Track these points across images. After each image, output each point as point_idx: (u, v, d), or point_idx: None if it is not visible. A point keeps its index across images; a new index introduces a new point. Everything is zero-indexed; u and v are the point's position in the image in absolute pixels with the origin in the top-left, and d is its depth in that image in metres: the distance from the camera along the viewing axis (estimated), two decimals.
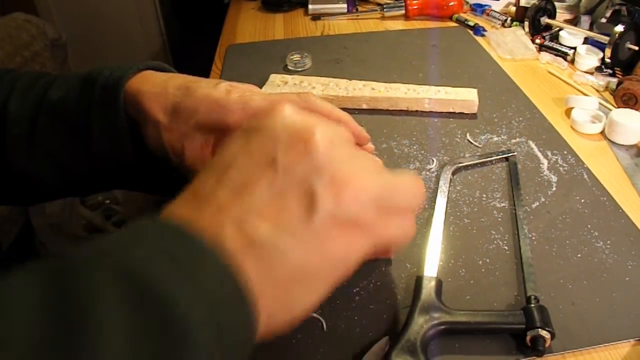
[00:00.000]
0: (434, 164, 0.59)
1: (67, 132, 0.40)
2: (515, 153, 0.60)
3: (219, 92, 0.39)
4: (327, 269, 0.27)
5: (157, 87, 0.40)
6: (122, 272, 0.21)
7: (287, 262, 0.25)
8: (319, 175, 0.26)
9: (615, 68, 0.78)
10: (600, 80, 0.75)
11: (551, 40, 0.87)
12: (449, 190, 0.54)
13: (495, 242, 0.49)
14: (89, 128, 0.40)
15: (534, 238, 0.49)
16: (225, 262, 0.24)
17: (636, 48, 0.76)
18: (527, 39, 0.88)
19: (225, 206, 0.26)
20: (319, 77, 0.74)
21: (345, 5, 1.05)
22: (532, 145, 0.62)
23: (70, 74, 0.43)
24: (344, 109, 0.50)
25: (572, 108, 0.68)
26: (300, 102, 0.43)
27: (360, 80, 0.73)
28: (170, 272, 0.22)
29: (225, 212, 0.25)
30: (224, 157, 0.28)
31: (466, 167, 0.58)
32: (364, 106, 0.70)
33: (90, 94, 0.40)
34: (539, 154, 0.60)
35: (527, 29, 0.90)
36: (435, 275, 0.43)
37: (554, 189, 0.55)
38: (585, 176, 0.56)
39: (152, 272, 0.22)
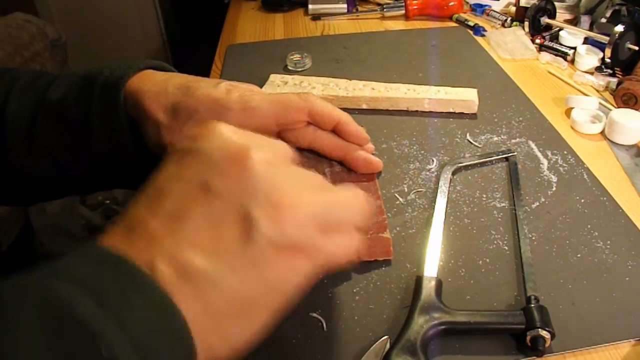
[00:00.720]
0: (434, 164, 0.59)
1: (67, 132, 0.40)
2: (515, 153, 0.60)
3: (219, 91, 0.39)
4: (267, 297, 0.26)
5: (157, 86, 0.39)
6: (46, 305, 0.20)
7: (224, 293, 0.24)
8: (254, 199, 0.25)
9: (615, 68, 0.78)
10: (600, 80, 0.75)
11: (551, 40, 0.87)
12: (449, 190, 0.54)
13: (495, 242, 0.49)
14: (89, 127, 0.40)
15: (534, 238, 0.49)
16: (158, 295, 0.23)
17: (636, 48, 0.76)
18: (527, 39, 0.88)
19: (157, 237, 0.24)
20: (319, 77, 0.74)
21: (345, 5, 1.05)
22: (532, 145, 0.62)
23: (69, 73, 0.43)
24: (344, 109, 0.50)
25: (572, 108, 0.68)
26: (301, 101, 0.43)
27: (360, 80, 0.73)
28: (97, 306, 0.21)
29: (157, 244, 0.24)
30: (156, 183, 0.27)
31: (466, 167, 0.58)
32: (364, 106, 0.70)
33: (90, 93, 0.40)
34: (539, 154, 0.60)
35: (527, 29, 0.90)
36: (435, 275, 0.43)
37: (554, 189, 0.55)
38: (585, 176, 0.56)
39: (76, 305, 0.21)
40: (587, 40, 0.84)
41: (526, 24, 0.90)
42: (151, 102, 0.39)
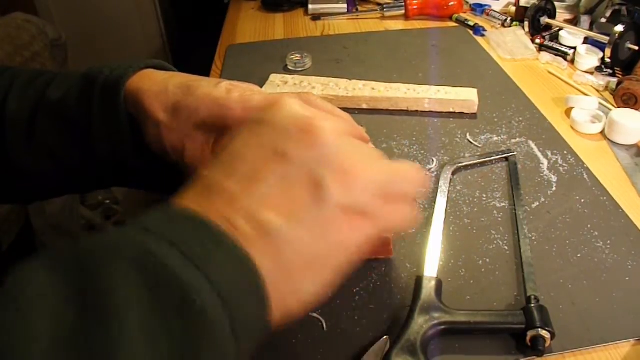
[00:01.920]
0: (434, 164, 0.59)
1: (67, 131, 0.40)
2: (515, 153, 0.60)
3: (220, 91, 0.39)
4: (335, 256, 0.28)
5: (158, 85, 0.39)
6: (139, 262, 0.22)
7: (297, 250, 0.26)
8: (326, 166, 0.27)
9: (615, 68, 0.78)
10: (600, 80, 0.75)
11: (551, 40, 0.87)
12: (449, 190, 0.54)
13: (495, 242, 0.49)
14: (89, 127, 0.40)
15: (534, 238, 0.49)
16: (239, 251, 0.24)
17: (636, 48, 0.76)
18: (527, 39, 0.88)
19: (235, 197, 0.26)
20: (319, 77, 0.74)
21: (345, 5, 1.05)
22: (532, 145, 0.62)
23: (69, 73, 0.43)
24: (344, 109, 0.50)
25: (572, 108, 0.68)
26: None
27: (360, 80, 0.73)
28: (186, 261, 0.22)
29: (235, 203, 0.26)
30: (231, 150, 0.29)
31: (466, 167, 0.58)
32: (364, 106, 0.70)
33: (90, 93, 0.40)
34: (539, 154, 0.60)
35: (527, 29, 0.90)
36: (435, 275, 0.43)
37: (554, 189, 0.55)
38: (585, 176, 0.56)
39: (168, 261, 0.22)
40: (587, 40, 0.84)
41: (526, 24, 0.90)
42: (151, 101, 0.39)
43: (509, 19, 0.96)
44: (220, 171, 0.28)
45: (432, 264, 0.44)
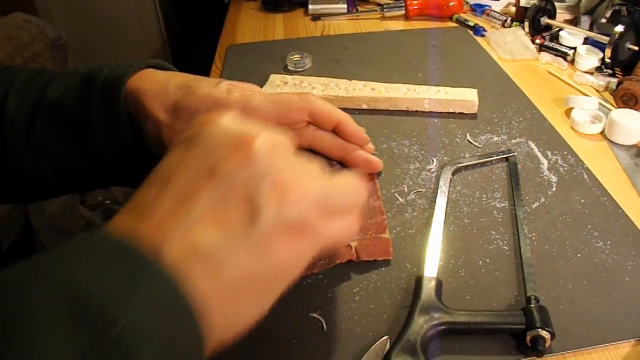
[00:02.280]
0: (434, 164, 0.59)
1: (67, 130, 0.40)
2: (515, 153, 0.60)
3: (220, 91, 0.39)
4: (272, 276, 0.27)
5: (158, 85, 0.39)
6: (60, 289, 0.21)
7: (232, 270, 0.25)
8: (259, 182, 0.26)
9: (615, 68, 0.78)
10: (600, 80, 0.75)
11: (551, 40, 0.87)
12: (449, 190, 0.54)
13: (495, 242, 0.49)
14: (89, 126, 0.40)
15: (534, 238, 0.49)
16: (168, 274, 0.23)
17: (636, 48, 0.76)
18: (527, 39, 0.88)
19: (167, 217, 0.25)
20: (319, 77, 0.74)
21: (345, 6, 1.05)
22: (532, 145, 0.62)
23: (69, 72, 0.43)
24: (344, 109, 0.50)
25: (572, 108, 0.68)
26: (301, 101, 0.43)
27: (360, 80, 0.73)
28: (111, 287, 0.21)
29: (166, 223, 0.25)
30: (163, 169, 0.28)
31: (466, 167, 0.58)
32: (364, 106, 0.70)
33: (90, 92, 0.40)
34: (539, 154, 0.60)
35: (527, 29, 0.90)
36: (435, 275, 0.43)
37: (554, 189, 0.55)
38: (585, 176, 0.56)
39: (91, 288, 0.21)
40: (587, 41, 0.84)
41: (526, 24, 0.90)
42: (151, 101, 0.39)
43: (509, 19, 0.96)
44: (153, 191, 0.27)
45: (432, 264, 0.44)
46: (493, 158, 0.59)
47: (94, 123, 0.39)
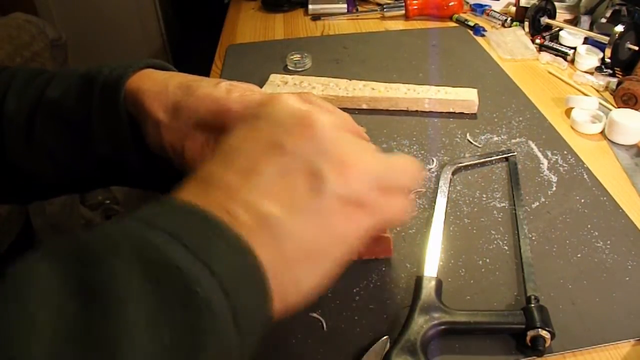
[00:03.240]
0: (434, 164, 0.59)
1: (67, 131, 0.40)
2: (515, 153, 0.60)
3: (220, 91, 0.39)
4: (333, 247, 0.28)
5: (158, 85, 0.39)
6: (140, 254, 0.22)
7: (297, 240, 0.26)
8: (323, 157, 0.28)
9: (615, 68, 0.78)
10: (600, 80, 0.75)
11: (551, 40, 0.87)
12: (449, 190, 0.54)
13: (495, 242, 0.49)
14: (89, 127, 0.40)
15: (534, 238, 0.49)
16: (240, 242, 0.24)
17: (636, 48, 0.76)
18: (527, 39, 0.88)
19: (234, 189, 0.26)
20: (319, 77, 0.74)
21: (345, 5, 1.05)
22: (532, 145, 0.62)
23: (68, 71, 0.43)
24: (344, 109, 0.50)
25: (572, 108, 0.68)
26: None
27: (360, 80, 0.73)
28: (187, 253, 0.23)
29: (234, 195, 0.26)
30: (229, 144, 0.29)
31: (466, 167, 0.58)
32: (364, 106, 0.70)
33: (89, 92, 0.40)
34: (539, 154, 0.60)
35: (527, 29, 0.90)
36: (435, 275, 0.43)
37: (554, 189, 0.55)
38: (585, 176, 0.56)
39: (170, 253, 0.22)
40: (587, 40, 0.84)
41: (526, 24, 0.90)
42: (151, 101, 0.39)
43: (509, 19, 0.96)
44: (219, 164, 0.28)
45: (432, 264, 0.44)
46: (493, 158, 0.59)
47: (93, 123, 0.39)
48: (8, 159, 0.41)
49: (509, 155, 0.59)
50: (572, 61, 0.82)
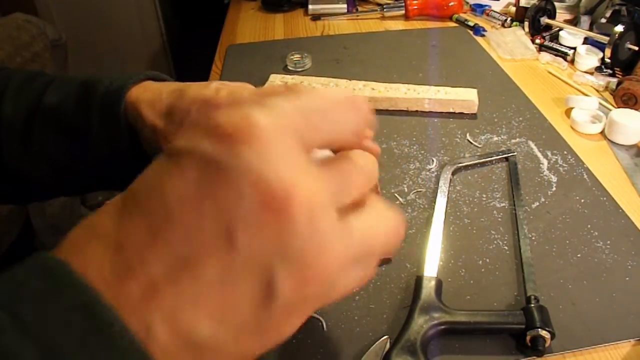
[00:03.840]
0: (434, 164, 0.59)
1: (65, 137, 0.41)
2: (515, 153, 0.60)
3: (210, 91, 0.39)
4: (262, 350, 0.22)
5: (153, 94, 0.40)
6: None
7: (228, 358, 0.21)
8: (284, 261, 0.20)
9: (615, 68, 0.78)
10: (600, 80, 0.75)
11: (551, 40, 0.87)
12: (449, 190, 0.54)
13: (495, 242, 0.49)
14: (88, 134, 0.40)
15: (534, 238, 0.49)
16: None
17: (636, 48, 0.76)
18: (527, 39, 0.88)
19: (159, 287, 0.19)
20: (319, 77, 0.74)
21: (345, 5, 1.05)
22: (532, 145, 0.62)
23: (67, 78, 0.43)
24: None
25: (572, 108, 0.68)
26: (285, 91, 0.41)
27: (360, 80, 0.73)
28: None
29: (157, 297, 0.19)
30: (166, 198, 0.20)
31: (466, 167, 0.58)
32: None
33: (89, 101, 0.40)
34: (539, 154, 0.60)
35: (527, 29, 0.90)
36: (435, 275, 0.43)
37: (554, 189, 0.55)
38: (585, 176, 0.56)
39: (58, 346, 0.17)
40: (587, 41, 0.84)
41: (526, 24, 0.90)
42: (148, 109, 0.39)
43: (509, 19, 0.96)
44: (144, 228, 0.20)
45: (432, 264, 0.44)
46: (493, 158, 0.59)
47: (93, 131, 0.40)
48: (5, 162, 0.41)
49: (509, 155, 0.59)
50: (572, 61, 0.82)
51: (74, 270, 0.18)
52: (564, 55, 0.82)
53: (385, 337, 0.39)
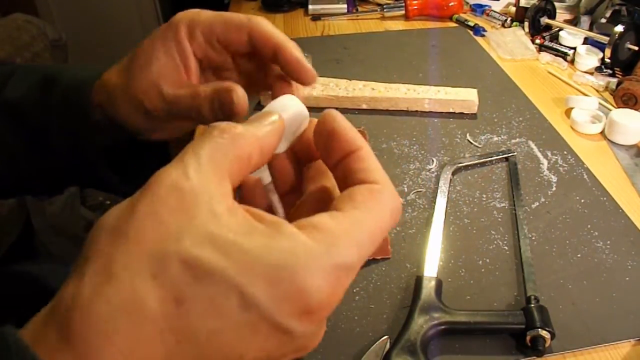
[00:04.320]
0: (434, 164, 0.59)
1: (25, 130, 0.39)
2: (515, 153, 0.60)
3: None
4: None
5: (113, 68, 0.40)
6: None
7: None
8: None
9: (615, 68, 0.78)
10: (600, 80, 0.75)
11: (551, 40, 0.87)
12: (449, 190, 0.54)
13: (495, 242, 0.49)
14: (48, 128, 0.39)
15: (534, 238, 0.49)
16: None
17: (636, 48, 0.76)
18: (527, 39, 0.88)
19: None
20: (319, 77, 0.74)
21: (345, 6, 1.05)
22: (532, 145, 0.62)
23: (28, 68, 0.42)
24: (344, 109, 0.51)
25: (572, 108, 0.68)
26: (243, 18, 0.37)
27: (360, 80, 0.73)
28: None
29: None
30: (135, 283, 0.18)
31: (466, 167, 0.58)
32: (364, 106, 0.70)
33: (50, 94, 0.39)
34: (539, 154, 0.60)
35: (527, 29, 0.90)
36: (435, 275, 0.43)
37: (554, 189, 0.55)
38: (585, 176, 0.56)
39: None
40: (587, 41, 0.84)
41: (526, 24, 0.90)
42: (111, 77, 0.39)
43: (509, 19, 0.96)
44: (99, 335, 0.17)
45: (432, 264, 0.44)
46: (493, 158, 0.59)
47: (53, 125, 0.39)
48: None
49: (509, 155, 0.59)
50: (572, 61, 0.82)
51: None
52: (564, 55, 0.82)
53: (385, 337, 0.39)
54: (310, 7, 1.06)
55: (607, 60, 0.76)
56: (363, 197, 0.23)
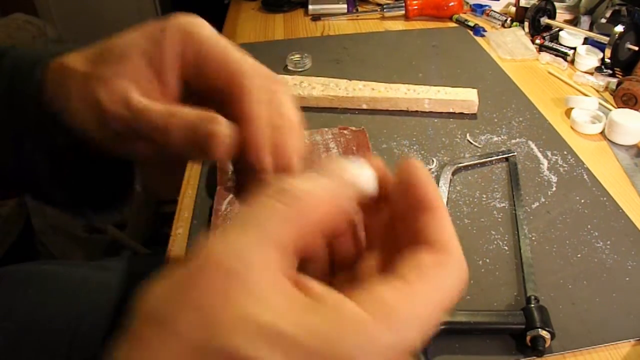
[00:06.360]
0: (434, 164, 0.59)
1: None
2: (515, 153, 0.60)
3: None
4: None
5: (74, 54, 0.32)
6: None
7: None
8: None
9: (615, 68, 0.78)
10: (600, 81, 0.75)
11: (551, 40, 0.87)
12: (449, 190, 0.54)
13: (495, 242, 0.49)
14: None
15: (534, 238, 0.49)
16: None
17: (636, 48, 0.76)
18: (527, 39, 0.88)
19: None
20: (319, 78, 0.74)
21: (345, 6, 1.05)
22: (532, 145, 0.62)
23: None
24: (344, 109, 0.50)
25: (572, 108, 0.68)
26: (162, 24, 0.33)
27: (360, 80, 0.73)
28: None
29: None
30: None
31: (466, 168, 0.58)
32: (364, 106, 0.70)
33: None
34: (539, 154, 0.60)
35: (527, 29, 0.90)
36: None
37: (554, 189, 0.55)
38: (585, 176, 0.56)
39: None
40: (587, 41, 0.84)
41: (526, 24, 0.90)
42: (72, 62, 0.30)
43: (509, 19, 0.96)
44: None
45: None
46: (493, 158, 0.59)
47: None
48: None
49: (509, 155, 0.59)
50: (572, 61, 0.82)
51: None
52: (564, 56, 0.82)
53: None
54: (310, 7, 1.06)
55: (607, 61, 0.76)
56: (432, 267, 0.20)
